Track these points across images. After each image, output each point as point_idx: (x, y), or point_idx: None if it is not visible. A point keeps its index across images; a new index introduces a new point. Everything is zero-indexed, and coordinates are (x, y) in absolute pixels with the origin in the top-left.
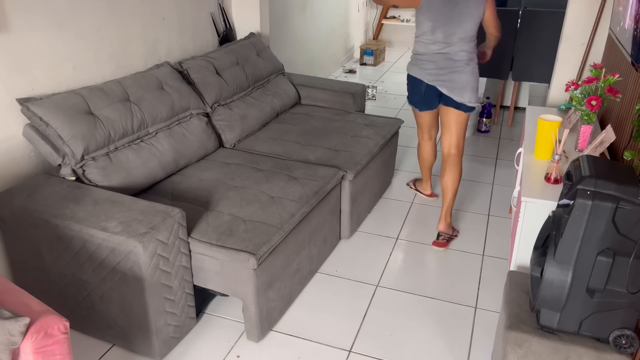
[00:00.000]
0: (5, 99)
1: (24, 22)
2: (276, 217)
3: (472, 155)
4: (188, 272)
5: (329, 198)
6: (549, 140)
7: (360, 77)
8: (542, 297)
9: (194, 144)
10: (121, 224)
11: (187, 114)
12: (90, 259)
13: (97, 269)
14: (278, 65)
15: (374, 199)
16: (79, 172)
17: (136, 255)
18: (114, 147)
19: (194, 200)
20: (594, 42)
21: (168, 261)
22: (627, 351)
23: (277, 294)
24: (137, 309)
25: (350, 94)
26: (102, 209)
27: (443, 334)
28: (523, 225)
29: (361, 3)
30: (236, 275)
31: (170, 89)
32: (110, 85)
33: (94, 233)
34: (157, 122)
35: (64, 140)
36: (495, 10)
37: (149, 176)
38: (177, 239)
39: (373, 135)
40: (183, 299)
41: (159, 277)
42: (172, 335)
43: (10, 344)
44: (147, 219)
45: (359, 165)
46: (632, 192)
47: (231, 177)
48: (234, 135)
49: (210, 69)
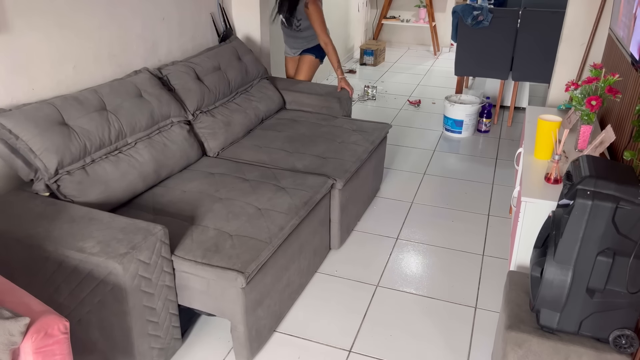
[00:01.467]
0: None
1: (24, 22)
2: (264, 231)
3: (472, 155)
4: (172, 292)
5: (318, 208)
6: (549, 140)
7: (360, 77)
8: (542, 297)
9: (175, 153)
10: (99, 243)
11: (168, 122)
12: (66, 281)
13: (74, 291)
14: (261, 70)
15: (363, 206)
16: (53, 188)
17: (116, 277)
18: (91, 160)
19: (177, 215)
20: (593, 42)
21: (150, 282)
22: (627, 351)
23: (266, 311)
24: (118, 332)
25: (337, 98)
26: (78, 227)
27: (443, 334)
28: (523, 225)
29: (361, 3)
30: (223, 295)
31: (149, 97)
32: (85, 94)
33: (70, 254)
34: (136, 132)
35: (35, 154)
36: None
37: (128, 189)
38: (160, 258)
39: (361, 141)
40: (167, 320)
41: (140, 298)
42: (156, 359)
43: (10, 344)
44: (127, 238)
45: (348, 173)
46: (632, 192)
47: (216, 188)
48: (218, 143)
49: (191, 74)
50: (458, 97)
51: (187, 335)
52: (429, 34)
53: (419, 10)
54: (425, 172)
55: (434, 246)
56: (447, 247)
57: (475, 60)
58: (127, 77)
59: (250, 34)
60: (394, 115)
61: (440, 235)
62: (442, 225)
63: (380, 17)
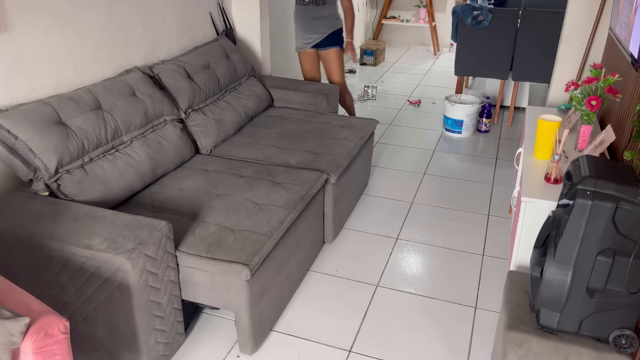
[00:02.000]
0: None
1: (24, 22)
2: (265, 225)
3: (472, 155)
4: (176, 287)
5: (313, 202)
6: (549, 140)
7: (360, 77)
8: (542, 297)
9: (170, 151)
10: (106, 240)
11: (162, 120)
12: (72, 279)
13: (80, 289)
14: (248, 68)
15: (353, 200)
16: (54, 187)
17: (124, 272)
18: (89, 159)
19: (177, 211)
20: (593, 42)
21: (157, 277)
22: (627, 351)
23: (268, 303)
24: (124, 328)
25: (324, 95)
26: (83, 225)
27: (443, 334)
28: (523, 225)
29: (361, 3)
30: (228, 288)
31: (142, 95)
32: (80, 94)
33: (76, 251)
34: (131, 130)
35: (35, 154)
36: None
37: (126, 187)
38: (165, 253)
39: (351, 136)
40: (172, 314)
41: (148, 293)
42: (162, 354)
43: (10, 344)
44: (132, 234)
45: (340, 168)
46: (632, 192)
47: (213, 185)
48: (210, 140)
49: (182, 73)
50: (458, 97)
51: (190, 331)
52: (429, 34)
53: (419, 10)
54: (425, 172)
55: (434, 246)
56: (447, 247)
57: (475, 60)
58: (118, 76)
59: (250, 34)
60: (394, 115)
61: (440, 235)
62: (442, 225)
63: (380, 17)
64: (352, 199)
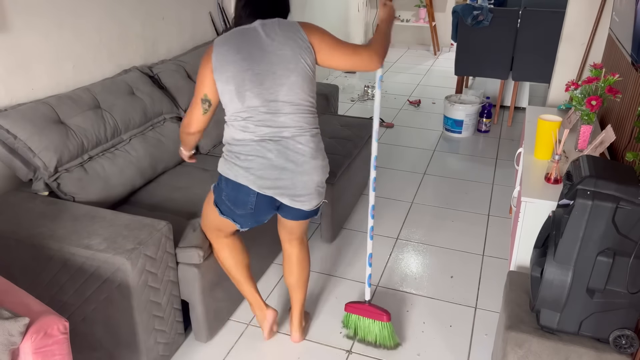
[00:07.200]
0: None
1: (24, 22)
2: None
3: (472, 155)
4: (176, 287)
5: None
6: (549, 140)
7: (360, 77)
8: (542, 297)
9: (169, 148)
10: (105, 240)
11: (161, 118)
12: (72, 279)
13: (79, 289)
14: None
15: (353, 200)
16: (53, 186)
17: (124, 272)
18: (88, 157)
19: (177, 210)
20: (594, 42)
21: (156, 277)
22: (627, 351)
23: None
24: (124, 329)
25: (324, 95)
26: (82, 225)
27: (443, 334)
28: (523, 225)
29: (361, 3)
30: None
31: (141, 94)
32: (78, 93)
33: (76, 251)
34: (130, 129)
35: (34, 153)
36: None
37: (127, 184)
38: (165, 253)
39: (351, 136)
40: (172, 314)
41: (147, 294)
42: (161, 354)
43: (9, 344)
44: (132, 234)
45: (341, 168)
46: (632, 192)
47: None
48: (210, 140)
49: (181, 72)
50: (458, 97)
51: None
52: (429, 34)
53: (419, 10)
54: (425, 172)
55: (434, 246)
56: (447, 247)
57: (475, 60)
58: (117, 75)
59: None
60: (394, 115)
61: (440, 235)
62: (442, 225)
63: None
64: (352, 199)
